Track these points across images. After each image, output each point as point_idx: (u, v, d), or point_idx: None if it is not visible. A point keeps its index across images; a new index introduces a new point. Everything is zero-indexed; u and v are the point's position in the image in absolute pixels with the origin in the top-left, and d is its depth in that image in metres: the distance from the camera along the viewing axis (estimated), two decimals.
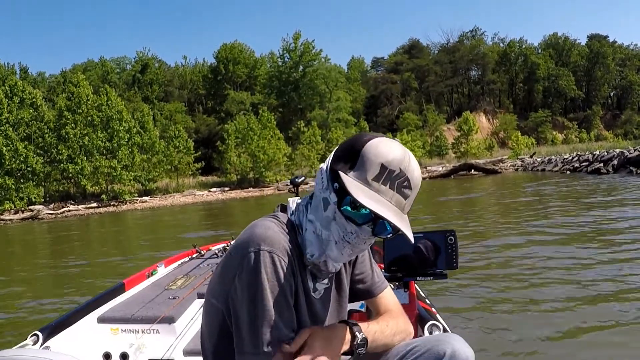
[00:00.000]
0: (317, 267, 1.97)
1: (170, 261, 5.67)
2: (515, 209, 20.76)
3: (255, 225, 1.90)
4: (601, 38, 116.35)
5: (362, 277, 2.25)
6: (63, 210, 50.22)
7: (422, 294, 3.90)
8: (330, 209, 1.83)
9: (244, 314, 1.79)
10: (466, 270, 9.23)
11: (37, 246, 24.22)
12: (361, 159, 1.78)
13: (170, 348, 3.67)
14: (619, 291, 7.46)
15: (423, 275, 3.50)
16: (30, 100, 57.78)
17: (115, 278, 9.56)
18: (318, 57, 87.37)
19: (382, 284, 2.31)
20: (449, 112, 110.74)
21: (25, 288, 12.05)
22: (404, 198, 1.79)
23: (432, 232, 3.50)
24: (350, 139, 1.89)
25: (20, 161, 52.55)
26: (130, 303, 4.20)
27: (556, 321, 6.41)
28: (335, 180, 1.81)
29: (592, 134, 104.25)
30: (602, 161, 40.72)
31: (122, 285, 4.49)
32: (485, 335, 6.01)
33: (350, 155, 1.81)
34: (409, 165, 1.81)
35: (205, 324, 2.04)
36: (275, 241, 1.82)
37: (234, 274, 1.83)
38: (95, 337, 3.81)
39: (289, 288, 1.83)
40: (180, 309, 3.96)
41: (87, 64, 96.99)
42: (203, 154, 69.30)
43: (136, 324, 3.84)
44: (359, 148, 1.81)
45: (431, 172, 64.89)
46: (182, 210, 43.18)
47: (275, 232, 1.86)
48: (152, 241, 21.15)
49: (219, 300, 1.92)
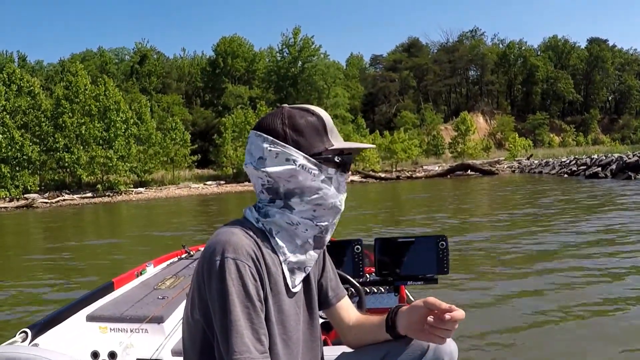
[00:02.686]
0: (291, 265, 1.97)
1: (159, 261, 5.65)
2: (510, 211, 20.78)
3: (219, 232, 1.89)
4: (601, 42, 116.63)
5: (323, 282, 2.25)
6: (58, 200, 50.12)
7: (412, 299, 3.90)
8: (334, 179, 1.96)
9: (217, 323, 1.78)
10: (458, 274, 9.22)
11: (30, 236, 24.18)
12: (327, 127, 1.97)
13: (159, 348, 3.65)
14: (616, 298, 7.49)
15: (414, 279, 3.51)
16: (27, 89, 57.66)
17: (105, 274, 9.55)
18: (317, 53, 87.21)
19: (343, 291, 2.31)
20: (446, 112, 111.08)
21: (15, 282, 12.01)
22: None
23: (423, 237, 3.51)
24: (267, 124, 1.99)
25: (16, 149, 52.46)
26: (119, 302, 4.19)
27: (551, 325, 6.43)
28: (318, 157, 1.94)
29: (589, 138, 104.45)
30: (600, 165, 40.80)
31: (111, 284, 4.47)
32: (477, 340, 6.01)
33: (315, 131, 1.96)
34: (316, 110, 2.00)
35: (187, 336, 2.01)
36: (239, 247, 1.80)
37: (204, 283, 1.83)
38: (84, 335, 3.80)
39: (257, 292, 1.80)
40: (169, 309, 3.95)
41: (86, 54, 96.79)
42: (199, 146, 69.36)
43: (125, 323, 3.83)
44: (316, 120, 1.97)
45: (427, 172, 65.05)
46: (177, 202, 43.19)
47: (240, 237, 1.84)
48: (146, 236, 21.15)
49: (197, 312, 1.90)
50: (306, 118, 1.94)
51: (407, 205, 28.14)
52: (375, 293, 3.66)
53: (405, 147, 75.11)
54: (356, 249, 3.58)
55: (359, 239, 3.65)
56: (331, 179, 1.93)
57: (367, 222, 19.74)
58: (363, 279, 3.64)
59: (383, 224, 19.38)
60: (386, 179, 62.41)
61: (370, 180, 61.73)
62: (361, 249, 3.61)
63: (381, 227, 18.06)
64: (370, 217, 21.86)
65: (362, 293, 3.19)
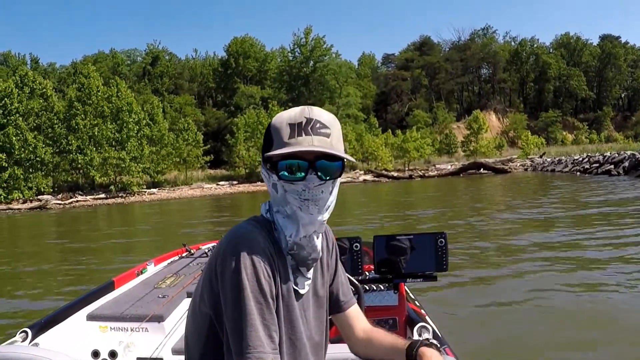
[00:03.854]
0: (300, 249, 1.96)
1: (159, 260, 5.68)
2: (515, 210, 20.73)
3: (234, 229, 1.92)
4: (613, 39, 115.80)
5: (334, 287, 2.25)
6: (71, 201, 50.37)
7: (411, 296, 3.90)
8: (278, 186, 1.90)
9: (229, 317, 1.78)
10: (457, 271, 9.22)
11: (42, 237, 24.26)
12: (272, 133, 1.89)
13: (159, 346, 3.66)
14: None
15: (413, 277, 3.50)
16: (40, 91, 57.87)
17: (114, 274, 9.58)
18: (329, 52, 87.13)
19: (351, 300, 2.32)
20: (459, 110, 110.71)
21: (20, 282, 12.09)
22: (326, 137, 1.85)
23: (423, 234, 3.50)
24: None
25: (29, 151, 52.68)
26: (119, 301, 4.20)
27: (551, 323, 6.42)
28: (267, 163, 1.93)
29: (602, 135, 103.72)
30: (612, 163, 40.55)
31: (111, 283, 4.49)
32: (476, 338, 6.00)
33: (266, 139, 1.93)
34: (311, 112, 1.87)
35: (192, 330, 2.03)
36: (255, 243, 1.83)
37: (217, 276, 1.84)
38: (84, 335, 3.81)
39: (270, 290, 1.81)
40: (170, 308, 3.96)
41: (98, 56, 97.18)
42: (212, 147, 69.38)
43: (125, 322, 3.84)
44: (268, 129, 1.93)
45: (440, 170, 64.89)
46: (190, 202, 43.27)
47: (254, 234, 1.87)
48: (160, 236, 21.20)
49: (206, 305, 1.90)
50: (272, 122, 1.94)
51: (418, 203, 28.08)
52: (375, 290, 3.65)
53: (417, 146, 74.96)
54: (355, 246, 3.58)
55: (358, 237, 3.64)
56: (276, 185, 1.91)
57: (375, 220, 19.75)
58: (362, 276, 3.64)
59: (390, 221, 19.38)
60: (398, 178, 62.30)
61: (383, 180, 61.69)
62: (360, 247, 3.60)
63: (388, 225, 18.05)
64: (379, 216, 21.85)
65: (361, 291, 3.19)
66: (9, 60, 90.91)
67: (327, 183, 1.88)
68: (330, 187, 1.91)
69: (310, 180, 1.85)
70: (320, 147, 1.81)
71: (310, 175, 1.84)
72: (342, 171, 1.92)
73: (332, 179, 1.89)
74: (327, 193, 1.91)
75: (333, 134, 1.87)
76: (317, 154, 1.82)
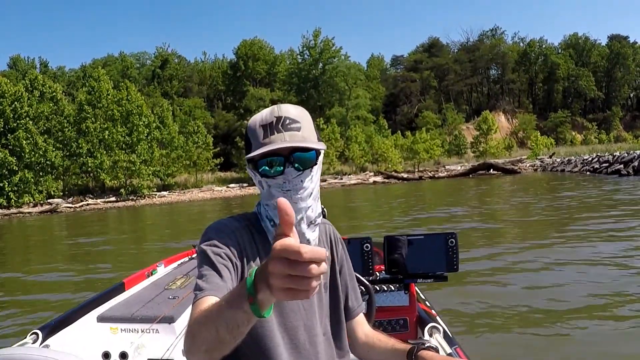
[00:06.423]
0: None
1: (169, 261, 5.69)
2: (526, 211, 20.65)
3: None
4: (622, 39, 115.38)
5: (344, 293, 2.31)
6: (82, 204, 50.57)
7: (422, 296, 3.89)
8: (263, 183, 2.03)
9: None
10: (469, 272, 9.19)
11: (53, 240, 24.33)
12: (250, 136, 2.02)
13: (169, 348, 3.66)
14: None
15: (423, 277, 3.49)
16: (50, 95, 58.17)
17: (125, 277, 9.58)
18: (338, 54, 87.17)
19: (359, 308, 2.38)
20: (468, 111, 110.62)
21: (30, 284, 12.12)
22: (296, 131, 1.98)
23: (433, 234, 3.49)
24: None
25: (39, 155, 52.96)
26: (130, 302, 4.20)
27: (562, 325, 6.38)
28: (250, 163, 2.05)
29: (611, 135, 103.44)
30: (622, 162, 40.37)
31: (122, 284, 4.49)
32: (487, 338, 5.98)
33: (246, 142, 2.06)
34: (280, 110, 2.00)
35: None
36: (221, 226, 2.01)
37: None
38: (94, 336, 3.81)
39: (225, 252, 1.92)
40: (180, 309, 3.96)
41: (107, 59, 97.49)
42: (222, 149, 69.59)
43: (136, 324, 3.84)
44: (245, 132, 2.06)
45: (450, 171, 64.76)
46: (200, 205, 43.30)
47: (225, 221, 2.05)
48: (171, 239, 21.22)
49: None
50: (247, 125, 2.07)
51: (428, 204, 28.04)
52: (385, 291, 3.65)
53: (427, 147, 74.96)
54: (365, 247, 3.57)
55: (368, 237, 3.63)
56: (261, 182, 2.03)
57: (385, 221, 19.73)
58: (373, 277, 3.63)
59: (401, 221, 19.34)
60: (408, 179, 62.19)
61: (393, 181, 61.59)
62: (370, 247, 3.59)
63: (398, 225, 18.02)
64: (389, 216, 21.83)
65: (372, 291, 3.18)
66: (19, 64, 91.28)
67: (305, 172, 2.00)
68: (309, 175, 2.02)
69: (288, 172, 1.97)
70: (292, 142, 1.93)
71: (288, 169, 1.97)
72: (317, 159, 2.03)
73: (309, 168, 2.00)
74: (307, 181, 2.02)
75: (303, 126, 2.00)
76: (290, 148, 1.95)
